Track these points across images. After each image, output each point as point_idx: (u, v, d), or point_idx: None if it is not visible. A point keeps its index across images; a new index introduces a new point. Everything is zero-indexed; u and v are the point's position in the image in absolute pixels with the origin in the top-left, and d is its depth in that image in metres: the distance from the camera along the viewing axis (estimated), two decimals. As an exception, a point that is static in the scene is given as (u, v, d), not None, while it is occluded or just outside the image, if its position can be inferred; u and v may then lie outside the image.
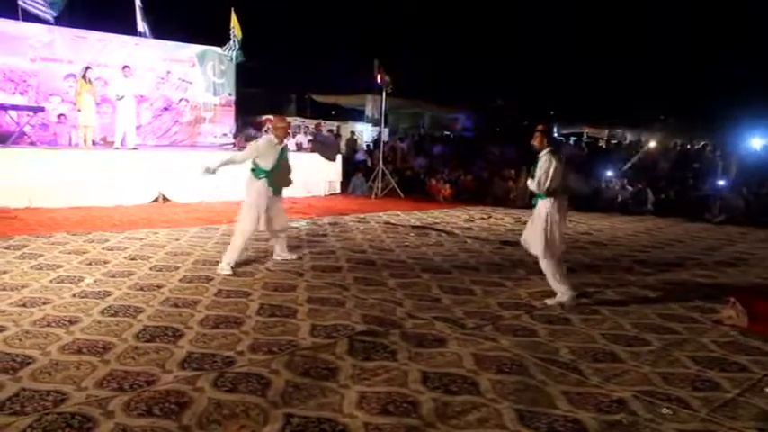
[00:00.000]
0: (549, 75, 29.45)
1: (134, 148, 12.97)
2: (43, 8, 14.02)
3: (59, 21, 14.49)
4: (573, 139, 28.58)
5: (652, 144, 22.81)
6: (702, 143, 21.66)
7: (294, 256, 7.45)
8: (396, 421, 3.38)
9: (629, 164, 17.59)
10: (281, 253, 7.40)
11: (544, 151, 5.89)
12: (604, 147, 25.38)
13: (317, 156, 15.55)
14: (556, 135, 31.20)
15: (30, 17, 13.93)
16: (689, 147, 21.72)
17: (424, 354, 4.40)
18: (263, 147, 6.95)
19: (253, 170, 6.95)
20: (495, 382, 3.95)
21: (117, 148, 12.81)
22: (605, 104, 28.38)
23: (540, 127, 6.08)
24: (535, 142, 5.98)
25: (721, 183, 14.79)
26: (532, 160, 6.12)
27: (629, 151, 21.02)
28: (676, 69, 27.84)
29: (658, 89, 28.36)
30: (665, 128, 26.69)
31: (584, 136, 29.27)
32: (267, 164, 6.87)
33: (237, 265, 6.81)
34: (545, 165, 5.81)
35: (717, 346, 4.85)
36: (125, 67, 13.27)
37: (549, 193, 5.82)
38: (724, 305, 5.77)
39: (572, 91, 29.01)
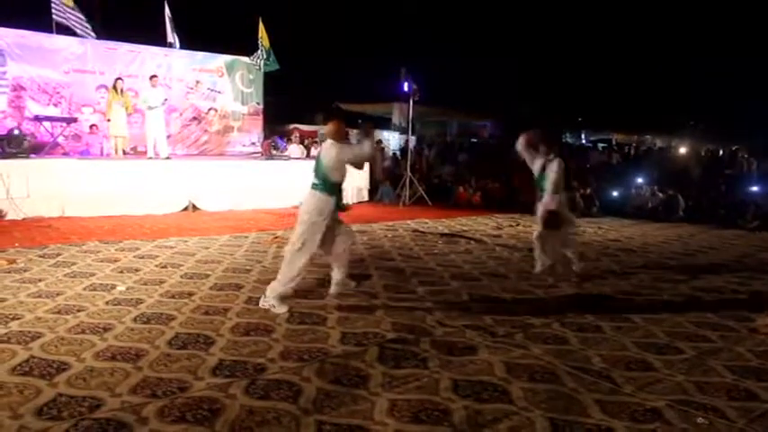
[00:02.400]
0: (577, 81, 29.25)
1: (167, 158, 13.12)
2: (81, 24, 14.29)
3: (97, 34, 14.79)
4: (601, 145, 28.34)
5: (682, 150, 22.54)
6: (735, 147, 21.33)
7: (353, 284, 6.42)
8: (427, 429, 3.38)
9: None
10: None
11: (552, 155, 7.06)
12: (632, 153, 25.11)
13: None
14: (584, 141, 31.02)
15: (63, 30, 14.21)
16: (721, 152, 21.41)
17: (454, 362, 4.38)
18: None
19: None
20: (527, 390, 3.92)
21: (150, 158, 12.98)
22: (634, 110, 28.09)
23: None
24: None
25: (755, 188, 14.54)
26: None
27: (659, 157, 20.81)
28: (706, 73, 27.48)
29: (688, 94, 28.02)
30: (695, 133, 26.36)
31: (613, 142, 29.00)
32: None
33: (268, 272, 6.87)
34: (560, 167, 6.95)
35: (753, 356, 4.76)
36: (152, 76, 13.47)
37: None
38: (760, 313, 5.66)
39: (600, 97, 28.78)
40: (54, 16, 13.92)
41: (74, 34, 14.39)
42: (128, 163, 12.48)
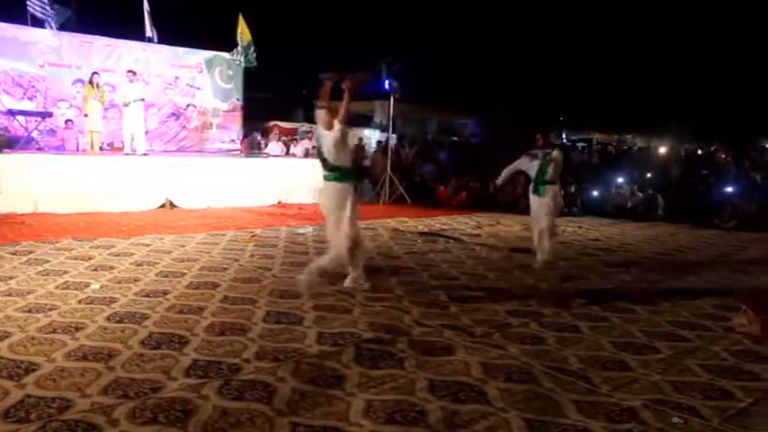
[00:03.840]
0: (558, 80, 29.36)
1: (144, 154, 12.96)
2: (47, 12, 14.04)
3: (66, 27, 14.54)
4: (581, 144, 28.46)
5: (662, 150, 22.69)
6: (713, 148, 21.52)
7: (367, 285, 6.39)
8: (403, 430, 3.34)
9: None
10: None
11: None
12: (613, 152, 25.25)
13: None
14: (564, 140, 31.16)
15: (39, 23, 13.99)
16: (699, 151, 21.57)
17: (431, 362, 4.35)
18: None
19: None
20: (504, 390, 3.89)
21: (127, 154, 12.82)
22: (615, 110, 28.24)
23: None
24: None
25: (731, 189, 14.66)
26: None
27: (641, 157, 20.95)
28: (687, 72, 27.70)
29: (668, 94, 28.23)
30: (675, 133, 26.53)
31: (594, 141, 29.15)
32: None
33: (245, 271, 6.81)
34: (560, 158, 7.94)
35: (729, 355, 4.78)
36: (129, 71, 13.29)
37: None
38: (736, 313, 5.69)
39: (581, 96, 28.91)
40: (29, 8, 13.70)
41: (49, 26, 14.17)
42: (104, 159, 12.33)
